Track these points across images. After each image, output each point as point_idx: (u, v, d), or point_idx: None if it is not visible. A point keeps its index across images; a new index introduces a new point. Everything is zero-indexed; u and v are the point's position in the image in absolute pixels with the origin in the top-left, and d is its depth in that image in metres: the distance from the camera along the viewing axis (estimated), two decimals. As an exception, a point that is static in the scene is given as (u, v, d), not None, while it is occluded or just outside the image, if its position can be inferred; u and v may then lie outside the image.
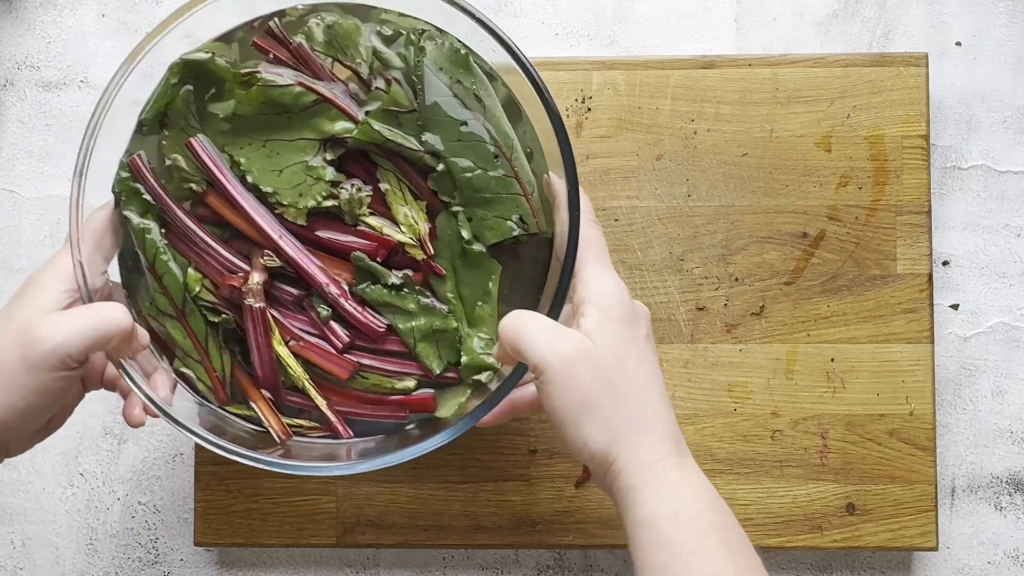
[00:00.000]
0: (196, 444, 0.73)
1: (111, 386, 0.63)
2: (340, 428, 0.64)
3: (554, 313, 0.59)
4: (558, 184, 0.60)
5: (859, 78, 0.74)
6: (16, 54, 0.79)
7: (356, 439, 0.64)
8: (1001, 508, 0.76)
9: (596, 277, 0.58)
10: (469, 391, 0.64)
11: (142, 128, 0.62)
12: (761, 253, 0.74)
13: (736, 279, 0.74)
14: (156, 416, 0.59)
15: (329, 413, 0.63)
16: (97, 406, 0.77)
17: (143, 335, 0.60)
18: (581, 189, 0.59)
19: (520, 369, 0.59)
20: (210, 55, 0.62)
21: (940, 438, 0.76)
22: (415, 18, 0.63)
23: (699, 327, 0.74)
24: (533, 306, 0.63)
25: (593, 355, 0.55)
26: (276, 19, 0.63)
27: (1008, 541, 0.76)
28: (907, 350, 0.73)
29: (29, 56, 0.79)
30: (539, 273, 0.64)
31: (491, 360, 0.63)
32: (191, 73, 0.62)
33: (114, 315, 0.56)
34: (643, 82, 0.74)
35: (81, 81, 0.79)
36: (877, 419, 0.73)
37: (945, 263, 0.77)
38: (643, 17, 0.78)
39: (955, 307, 0.76)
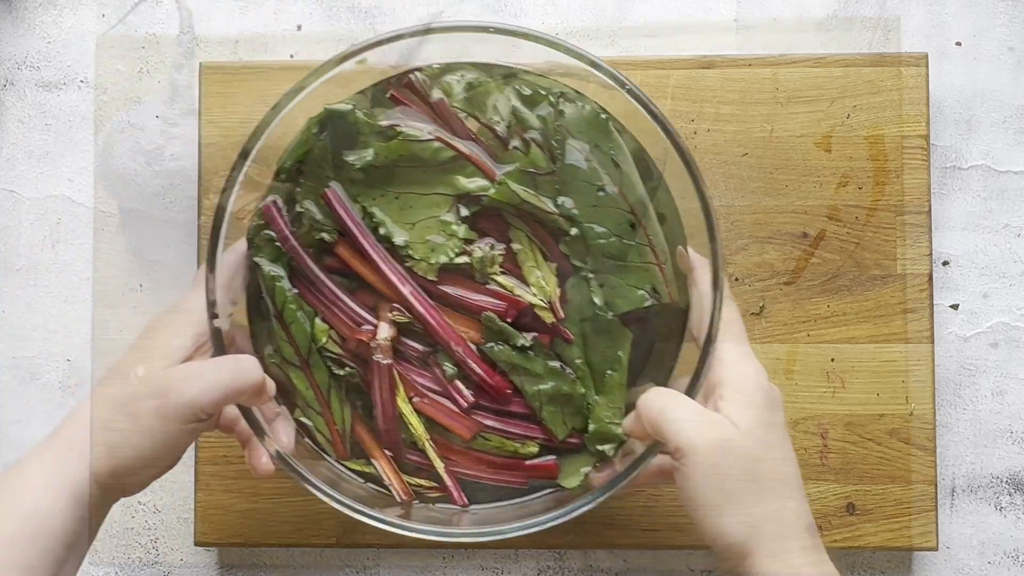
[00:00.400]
0: (195, 443, 0.73)
1: (227, 429, 0.62)
2: (455, 494, 0.63)
3: (692, 393, 0.58)
4: (696, 260, 0.60)
5: (859, 78, 0.74)
6: (16, 54, 0.79)
7: (474, 506, 0.64)
8: (1001, 508, 0.76)
9: (736, 358, 0.57)
10: (593, 461, 0.63)
11: (279, 175, 0.62)
12: (761, 253, 0.74)
13: (736, 279, 0.74)
14: (280, 468, 0.59)
15: (446, 477, 0.63)
16: (97, 406, 0.77)
17: (271, 387, 0.60)
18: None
19: (654, 448, 0.58)
20: (351, 107, 0.62)
21: (940, 438, 0.76)
22: (553, 79, 0.63)
23: (699, 327, 0.74)
24: (662, 377, 0.63)
25: (738, 444, 0.54)
26: (416, 73, 0.63)
27: (1008, 541, 0.76)
28: (907, 350, 0.73)
29: (29, 56, 0.79)
30: (668, 343, 0.63)
31: (620, 431, 0.62)
32: (330, 123, 0.62)
33: (247, 368, 0.57)
34: (643, 82, 0.74)
35: (81, 81, 0.79)
36: (877, 419, 0.73)
37: (945, 263, 0.77)
38: (643, 17, 0.78)
39: (955, 307, 0.77)
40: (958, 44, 0.78)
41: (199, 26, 0.79)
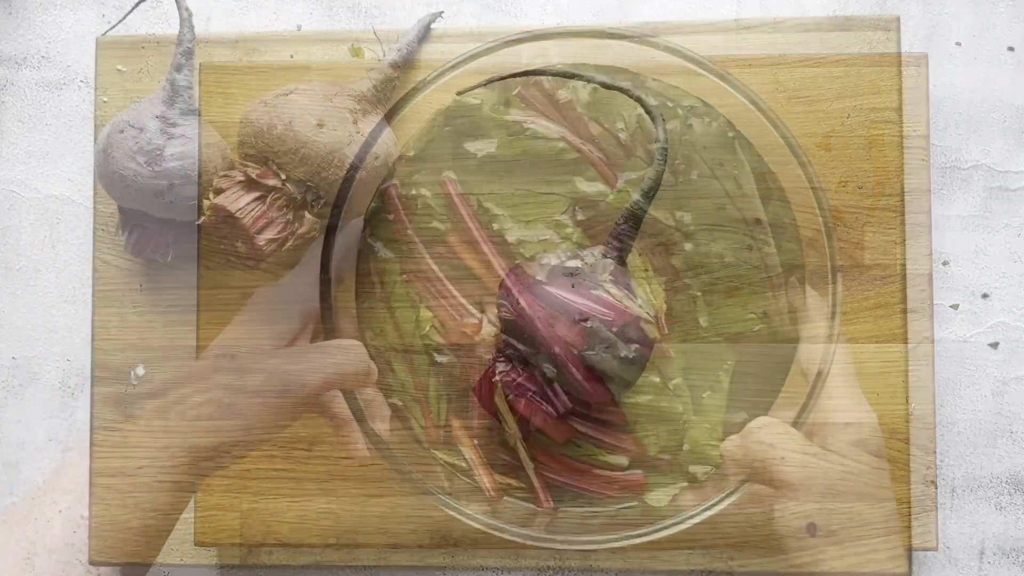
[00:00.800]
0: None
1: (319, 410, 0.62)
2: (542, 496, 0.63)
3: (796, 428, 0.57)
4: (811, 292, 0.60)
5: (859, 78, 0.74)
6: (16, 54, 0.79)
7: (561, 510, 0.64)
8: (1001, 508, 0.76)
9: (846, 397, 0.57)
10: (684, 482, 0.63)
11: (401, 160, 0.63)
12: (761, 253, 0.74)
13: (736, 279, 0.74)
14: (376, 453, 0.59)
15: (535, 479, 0.63)
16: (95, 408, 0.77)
17: (374, 372, 0.60)
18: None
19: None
20: (480, 101, 0.63)
21: (940, 438, 0.76)
22: (682, 91, 0.62)
23: (699, 327, 0.74)
24: (763, 406, 0.62)
25: (844, 487, 0.54)
26: (546, 75, 0.63)
27: (1008, 541, 0.76)
28: (907, 350, 0.73)
29: (29, 56, 0.79)
30: (773, 372, 0.63)
31: (716, 454, 0.62)
32: (457, 115, 0.62)
33: (355, 355, 0.57)
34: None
35: (81, 81, 0.79)
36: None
37: (945, 263, 0.77)
38: (643, 17, 0.78)
39: (955, 307, 0.77)
40: (958, 44, 0.78)
41: (199, 26, 0.79)
